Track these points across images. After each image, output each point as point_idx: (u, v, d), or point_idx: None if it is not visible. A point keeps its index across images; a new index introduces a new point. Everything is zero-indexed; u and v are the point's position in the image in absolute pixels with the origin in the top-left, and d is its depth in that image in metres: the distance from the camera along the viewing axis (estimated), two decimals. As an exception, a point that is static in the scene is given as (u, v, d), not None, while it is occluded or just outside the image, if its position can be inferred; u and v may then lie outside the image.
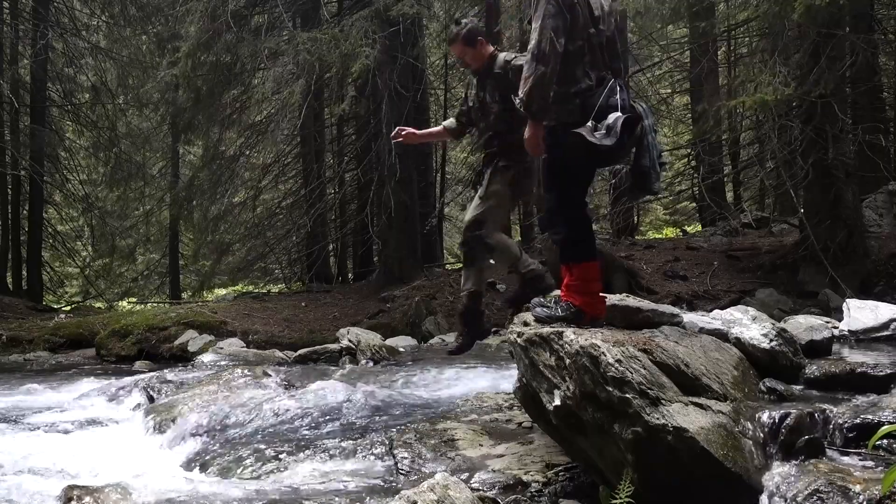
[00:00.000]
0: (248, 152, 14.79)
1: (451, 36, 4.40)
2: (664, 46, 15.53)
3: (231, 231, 15.28)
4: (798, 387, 3.44)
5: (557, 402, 3.07)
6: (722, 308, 4.71)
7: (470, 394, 4.88)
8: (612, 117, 3.16)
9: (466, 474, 3.55)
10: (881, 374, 3.38)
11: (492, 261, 4.35)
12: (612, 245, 12.83)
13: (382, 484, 3.71)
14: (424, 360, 7.15)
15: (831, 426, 2.95)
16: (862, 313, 4.95)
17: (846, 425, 2.93)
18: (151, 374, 6.79)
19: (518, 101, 3.32)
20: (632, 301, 3.82)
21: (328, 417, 4.74)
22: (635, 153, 3.32)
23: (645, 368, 2.87)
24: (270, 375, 5.81)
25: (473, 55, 4.33)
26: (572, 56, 3.28)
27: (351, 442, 4.27)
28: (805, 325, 4.15)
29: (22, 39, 15.35)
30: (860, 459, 2.78)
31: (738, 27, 12.52)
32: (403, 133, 4.73)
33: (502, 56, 4.33)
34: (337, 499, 3.49)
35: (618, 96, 3.25)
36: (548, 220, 3.61)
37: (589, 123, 3.18)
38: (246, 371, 5.83)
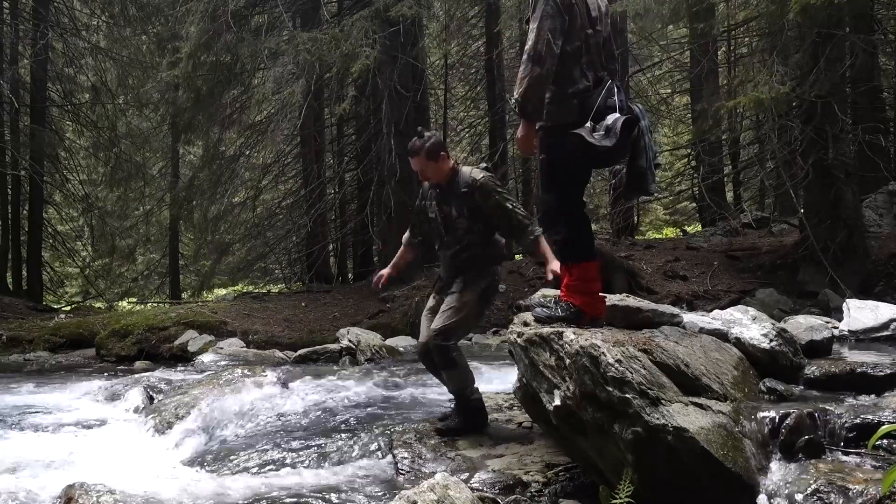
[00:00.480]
0: (248, 152, 14.79)
1: (412, 148, 4.11)
2: (664, 47, 15.53)
3: (231, 231, 15.27)
4: (798, 387, 3.44)
5: (557, 402, 3.07)
6: (722, 308, 4.72)
7: (470, 394, 4.87)
8: (610, 118, 3.16)
9: (466, 474, 3.55)
10: (881, 374, 3.38)
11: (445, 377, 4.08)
12: (612, 245, 12.83)
13: (382, 484, 3.71)
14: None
15: (831, 426, 2.96)
16: (862, 313, 4.96)
17: (846, 425, 2.93)
18: (151, 374, 6.79)
19: (513, 101, 3.31)
20: (632, 301, 3.82)
21: (328, 417, 4.74)
22: (632, 154, 3.32)
23: (645, 368, 2.87)
24: (270, 375, 5.81)
25: (435, 170, 4.10)
26: (570, 57, 3.28)
27: (351, 442, 4.28)
28: (805, 325, 4.15)
29: (22, 39, 15.35)
30: (860, 459, 2.78)
31: (738, 27, 12.52)
32: (383, 279, 4.53)
33: (466, 172, 4.12)
34: (337, 498, 3.49)
35: (616, 97, 3.25)
36: (547, 221, 3.60)
37: (588, 124, 3.18)
38: (246, 371, 5.83)
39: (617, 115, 3.17)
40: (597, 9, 3.38)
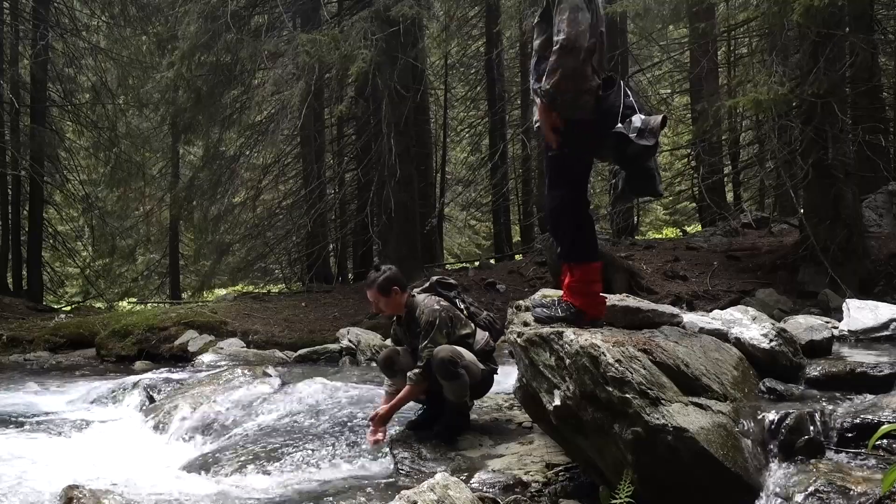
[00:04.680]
0: (248, 152, 14.77)
1: (367, 281, 4.25)
2: (664, 46, 15.53)
3: (231, 231, 15.26)
4: (798, 387, 3.43)
5: (557, 402, 3.07)
6: (722, 308, 4.70)
7: (470, 394, 4.87)
8: (637, 119, 3.14)
9: (466, 474, 3.55)
10: (881, 374, 3.37)
11: (447, 386, 4.06)
12: (612, 245, 12.83)
13: (382, 484, 3.71)
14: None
15: (831, 426, 2.95)
16: (862, 313, 4.94)
17: (846, 425, 2.93)
18: (151, 374, 6.80)
19: (542, 90, 3.23)
20: (632, 301, 3.81)
21: (328, 417, 4.74)
22: None
23: (645, 368, 2.87)
24: (270, 376, 5.82)
25: (387, 303, 4.18)
26: (587, 53, 3.25)
27: (351, 442, 4.28)
28: (805, 325, 4.14)
29: (22, 39, 15.34)
30: (860, 459, 2.78)
31: (738, 27, 12.51)
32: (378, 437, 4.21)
33: (420, 305, 4.14)
34: (337, 498, 3.49)
35: (630, 98, 3.24)
36: (551, 219, 3.58)
37: (619, 125, 3.15)
38: (246, 371, 5.83)
39: (642, 115, 3.15)
40: (601, 8, 3.38)
